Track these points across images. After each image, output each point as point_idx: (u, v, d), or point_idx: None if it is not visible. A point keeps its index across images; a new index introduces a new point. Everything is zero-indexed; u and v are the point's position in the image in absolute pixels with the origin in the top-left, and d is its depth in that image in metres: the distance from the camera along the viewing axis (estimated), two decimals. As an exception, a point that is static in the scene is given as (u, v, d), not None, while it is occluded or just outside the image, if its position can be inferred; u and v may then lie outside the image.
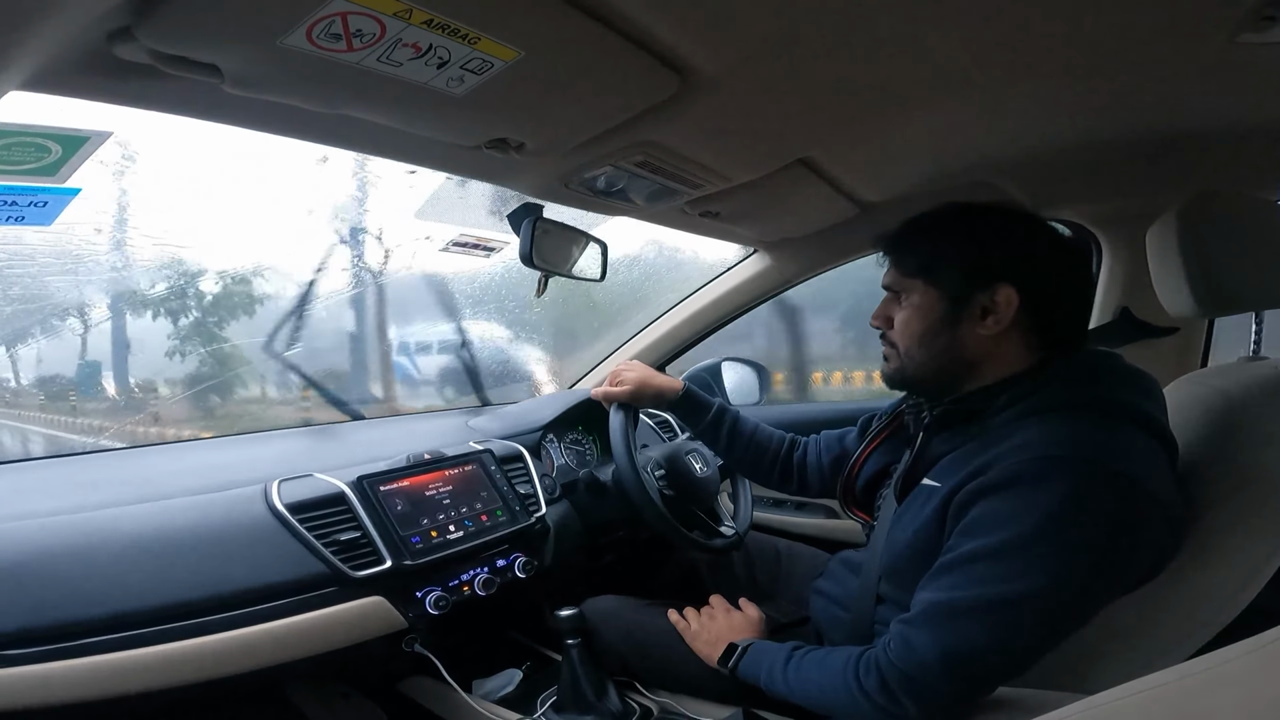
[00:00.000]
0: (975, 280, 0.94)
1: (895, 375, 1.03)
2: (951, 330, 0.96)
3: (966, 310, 0.94)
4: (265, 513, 1.10)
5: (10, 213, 0.82)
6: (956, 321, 0.95)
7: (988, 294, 0.93)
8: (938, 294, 0.96)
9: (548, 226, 1.38)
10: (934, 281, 0.97)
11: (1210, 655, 0.41)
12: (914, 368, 1.00)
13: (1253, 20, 0.82)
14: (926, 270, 0.97)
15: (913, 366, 1.00)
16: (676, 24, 0.79)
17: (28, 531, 0.94)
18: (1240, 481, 0.90)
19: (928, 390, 1.03)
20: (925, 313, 0.97)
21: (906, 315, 0.99)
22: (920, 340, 0.98)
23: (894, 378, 1.04)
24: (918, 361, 0.99)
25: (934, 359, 0.98)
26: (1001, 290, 0.92)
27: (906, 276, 1.00)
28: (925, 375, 1.00)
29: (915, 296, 0.98)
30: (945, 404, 0.99)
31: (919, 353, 0.99)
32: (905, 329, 0.99)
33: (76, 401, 1.73)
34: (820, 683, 0.94)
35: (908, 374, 1.02)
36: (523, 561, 1.31)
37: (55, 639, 0.86)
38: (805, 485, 1.41)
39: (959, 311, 0.95)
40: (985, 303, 0.93)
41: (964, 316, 0.95)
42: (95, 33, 0.66)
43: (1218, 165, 1.33)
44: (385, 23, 0.68)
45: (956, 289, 0.95)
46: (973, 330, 0.95)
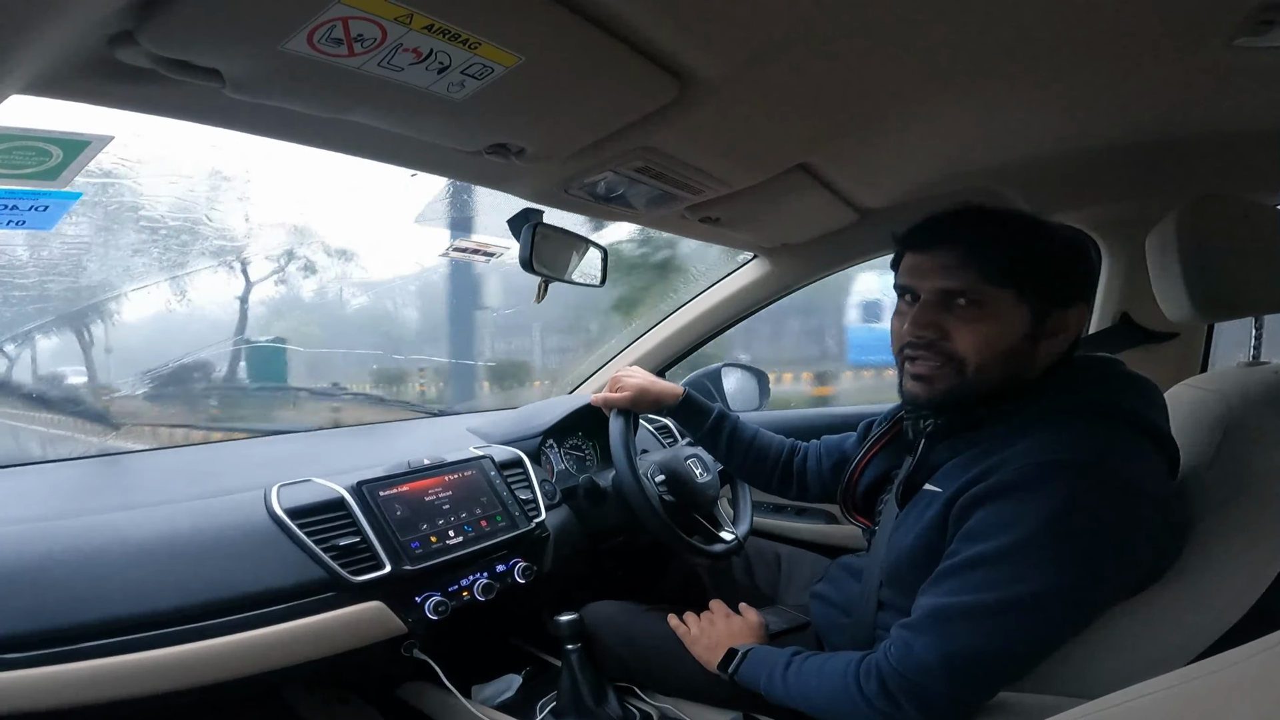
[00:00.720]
0: (1062, 298, 0.91)
1: (953, 392, 0.93)
2: (1033, 347, 0.91)
3: (1045, 327, 0.91)
4: (264, 518, 1.10)
5: (11, 216, 0.82)
6: (1038, 338, 0.91)
7: (1063, 312, 0.91)
8: (1027, 308, 0.90)
9: (548, 232, 1.38)
10: (1026, 293, 0.89)
11: (1212, 659, 0.41)
12: (980, 384, 0.92)
13: (1250, 24, 0.82)
14: (1021, 280, 0.89)
15: (980, 382, 0.91)
16: (676, 30, 0.80)
17: (27, 535, 0.94)
18: (1240, 486, 0.90)
19: (975, 405, 0.94)
20: (1013, 327, 0.90)
21: (989, 329, 0.90)
22: (1001, 357, 0.90)
23: (949, 395, 0.93)
24: (988, 378, 0.91)
25: (1004, 376, 0.92)
26: (1076, 309, 0.91)
27: (992, 284, 0.89)
28: (984, 392, 0.92)
29: (1002, 307, 0.90)
30: (951, 415, 0.97)
31: (994, 369, 0.91)
32: (985, 343, 0.90)
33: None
34: (820, 688, 0.93)
35: (966, 391, 0.92)
36: (522, 567, 1.31)
37: (54, 643, 0.86)
38: (805, 491, 1.41)
39: (1041, 328, 0.91)
40: (1059, 321, 0.91)
41: (1043, 334, 0.91)
42: (96, 37, 0.66)
43: (1217, 169, 1.34)
44: (386, 28, 0.68)
45: (1047, 303, 0.90)
46: (1047, 348, 0.92)
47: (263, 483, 1.16)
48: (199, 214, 1.77)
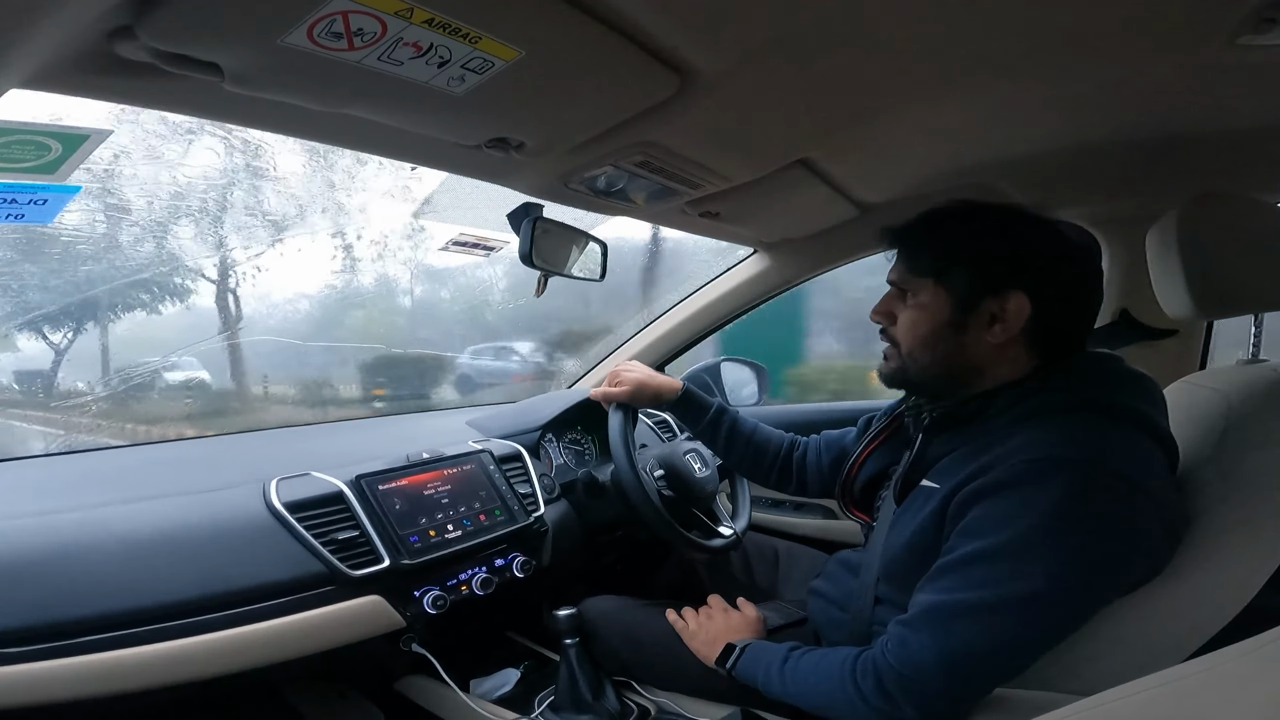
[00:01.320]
0: (987, 286, 0.92)
1: (895, 375, 1.02)
2: (957, 335, 0.94)
3: (975, 316, 0.93)
4: (263, 511, 1.10)
5: (10, 210, 0.82)
6: (963, 327, 0.94)
7: (998, 301, 0.91)
8: (947, 296, 0.94)
9: (548, 226, 1.38)
10: (945, 283, 0.94)
11: (1208, 656, 0.41)
12: (915, 369, 0.98)
13: (1253, 22, 0.82)
14: (938, 270, 0.95)
15: (914, 368, 0.98)
16: (677, 24, 0.79)
17: (25, 529, 0.94)
18: (1238, 483, 0.90)
19: (925, 392, 1.02)
20: (933, 314, 0.95)
21: (912, 315, 0.97)
22: (924, 342, 0.96)
23: (893, 377, 1.02)
24: (920, 364, 0.97)
25: (936, 363, 0.96)
26: (1013, 298, 0.91)
27: (916, 275, 0.97)
28: (925, 378, 0.99)
29: (924, 296, 0.96)
30: (945, 407, 0.98)
31: (921, 355, 0.97)
32: (910, 329, 0.98)
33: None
34: (817, 684, 0.94)
35: (908, 375, 1.00)
36: (521, 561, 1.31)
37: (52, 637, 0.86)
38: (804, 486, 1.41)
39: (967, 317, 0.93)
40: (994, 310, 0.92)
41: (971, 322, 0.93)
42: (96, 31, 0.66)
43: (1218, 167, 1.34)
44: (386, 22, 0.68)
45: (967, 293, 0.93)
46: (979, 337, 0.93)
47: (261, 476, 1.16)
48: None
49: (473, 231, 1.63)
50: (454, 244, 1.64)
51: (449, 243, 1.64)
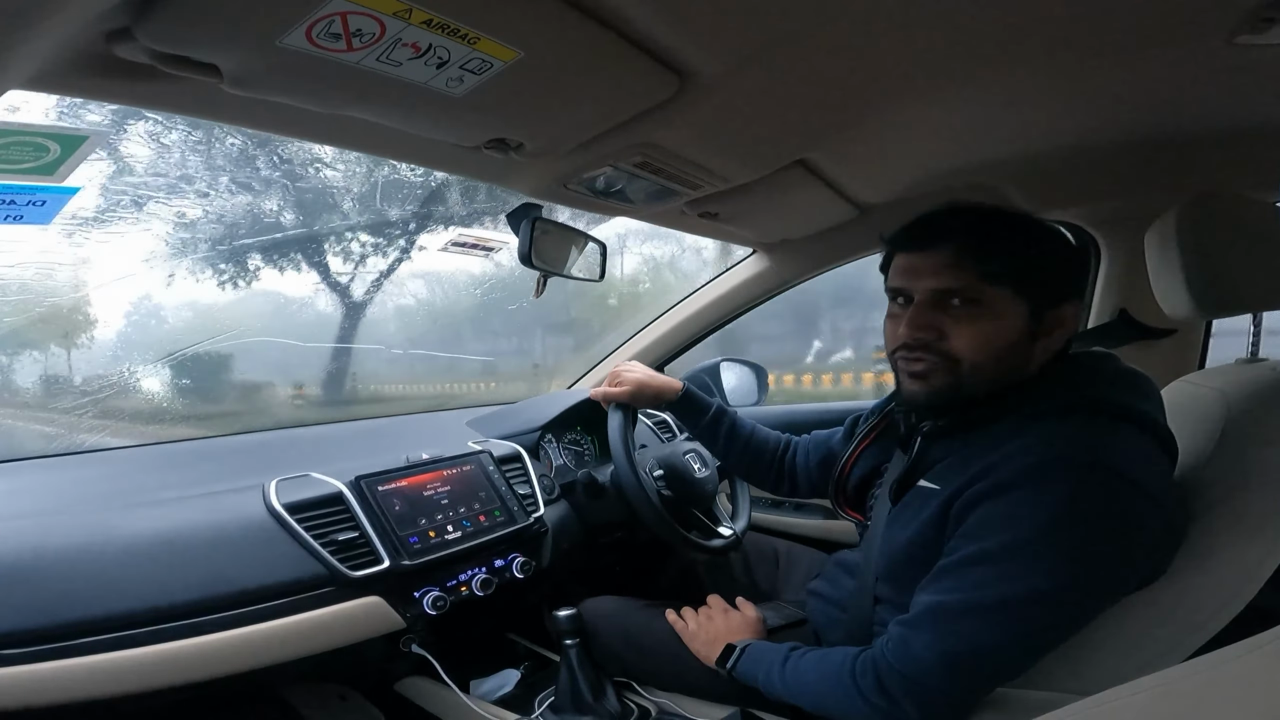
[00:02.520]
0: (1059, 295, 0.90)
1: (947, 391, 0.92)
2: (1030, 345, 0.91)
3: (1043, 325, 0.90)
4: (262, 512, 1.10)
5: (9, 212, 0.82)
6: (1035, 336, 0.90)
7: (1059, 310, 0.90)
8: (1025, 306, 0.89)
9: (547, 227, 1.38)
10: (1024, 292, 0.88)
11: (1209, 656, 0.41)
12: (976, 383, 0.91)
13: (1251, 21, 0.82)
14: (1018, 278, 0.88)
15: (976, 381, 0.91)
16: (676, 25, 0.79)
17: (25, 531, 0.94)
18: (1238, 483, 0.90)
19: (968, 405, 0.94)
20: (1011, 326, 0.89)
21: (987, 327, 0.89)
22: (999, 356, 0.90)
23: (942, 394, 0.93)
24: (984, 377, 0.91)
25: (1001, 375, 0.91)
26: (1070, 307, 0.91)
27: (990, 282, 0.88)
28: (980, 392, 0.92)
29: (998, 305, 0.89)
30: (949, 416, 0.97)
31: (991, 368, 0.90)
32: (984, 341, 0.89)
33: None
34: (818, 684, 0.94)
35: (963, 390, 0.92)
36: (521, 562, 1.31)
37: (52, 639, 0.86)
38: (796, 487, 1.41)
39: (1038, 326, 0.90)
40: (1055, 319, 0.90)
41: (1040, 331, 0.90)
42: (94, 32, 0.66)
43: (1216, 166, 1.34)
44: (385, 22, 0.68)
45: (1045, 302, 0.89)
46: (1043, 345, 0.91)
47: (261, 478, 1.16)
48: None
49: (471, 232, 1.63)
50: (453, 245, 1.64)
51: (448, 243, 1.64)
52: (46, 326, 1.70)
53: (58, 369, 1.76)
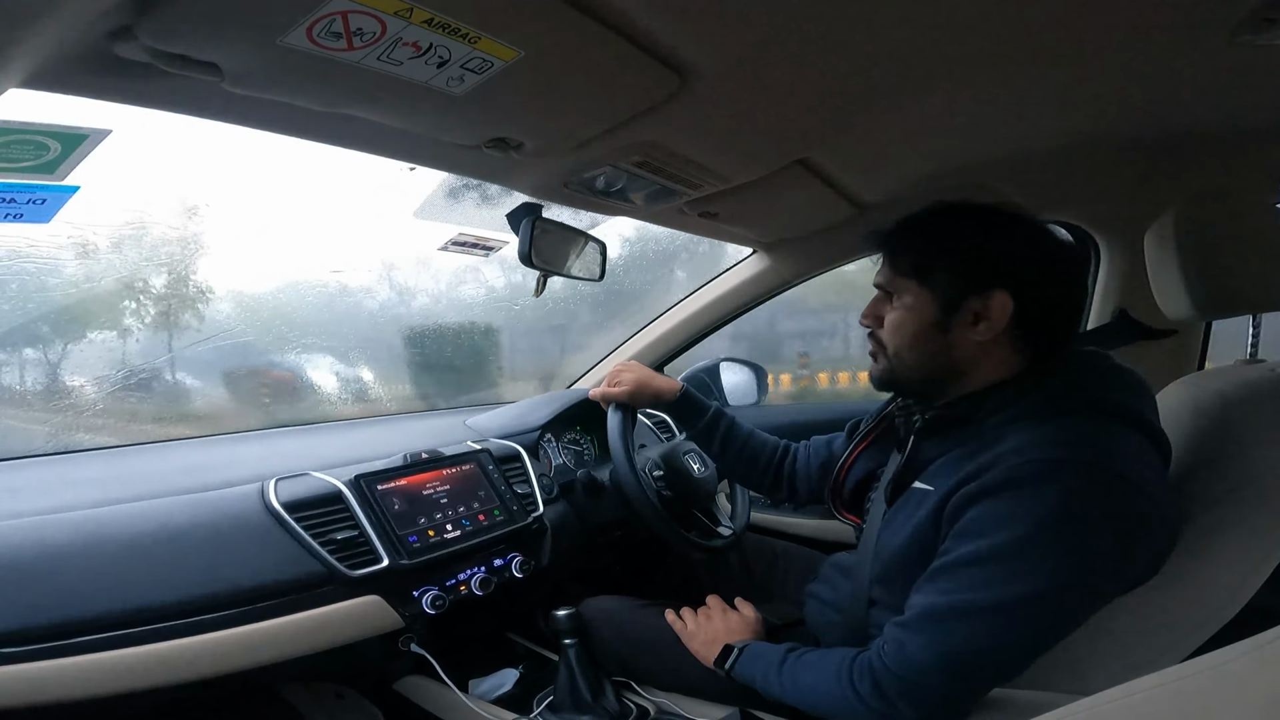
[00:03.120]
0: (970, 285, 0.93)
1: (884, 376, 1.02)
2: (942, 334, 0.95)
3: (958, 315, 0.93)
4: (261, 511, 1.10)
5: (9, 210, 0.82)
6: (948, 326, 0.94)
7: (981, 299, 0.92)
8: (930, 296, 0.95)
9: (547, 226, 1.38)
10: (927, 283, 0.95)
11: (1208, 656, 0.41)
12: (903, 370, 0.99)
13: (1252, 22, 0.82)
14: (920, 271, 0.96)
15: (901, 368, 0.99)
16: (676, 24, 0.79)
17: (23, 529, 0.94)
18: (1237, 483, 0.90)
19: (914, 392, 1.03)
20: (917, 315, 0.96)
21: (898, 316, 0.98)
22: (910, 343, 0.97)
23: (882, 378, 1.03)
24: (907, 364, 0.98)
25: (923, 362, 0.97)
26: (996, 296, 0.91)
27: (900, 276, 0.98)
28: (913, 378, 1.00)
29: (908, 297, 0.97)
30: (936, 408, 0.99)
31: (908, 355, 0.98)
32: (896, 330, 0.98)
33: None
34: (815, 685, 0.94)
35: (896, 375, 1.01)
36: (520, 561, 1.31)
37: (50, 637, 0.86)
38: (794, 493, 1.41)
39: (951, 316, 0.94)
40: (978, 308, 0.92)
41: (955, 321, 0.94)
42: (95, 31, 0.66)
43: (1216, 167, 1.34)
44: (386, 22, 0.68)
45: (950, 292, 0.94)
46: (964, 335, 0.94)
47: (259, 476, 1.16)
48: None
49: (472, 232, 1.63)
50: (453, 244, 1.64)
51: (448, 243, 1.64)
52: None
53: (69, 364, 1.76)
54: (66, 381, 1.63)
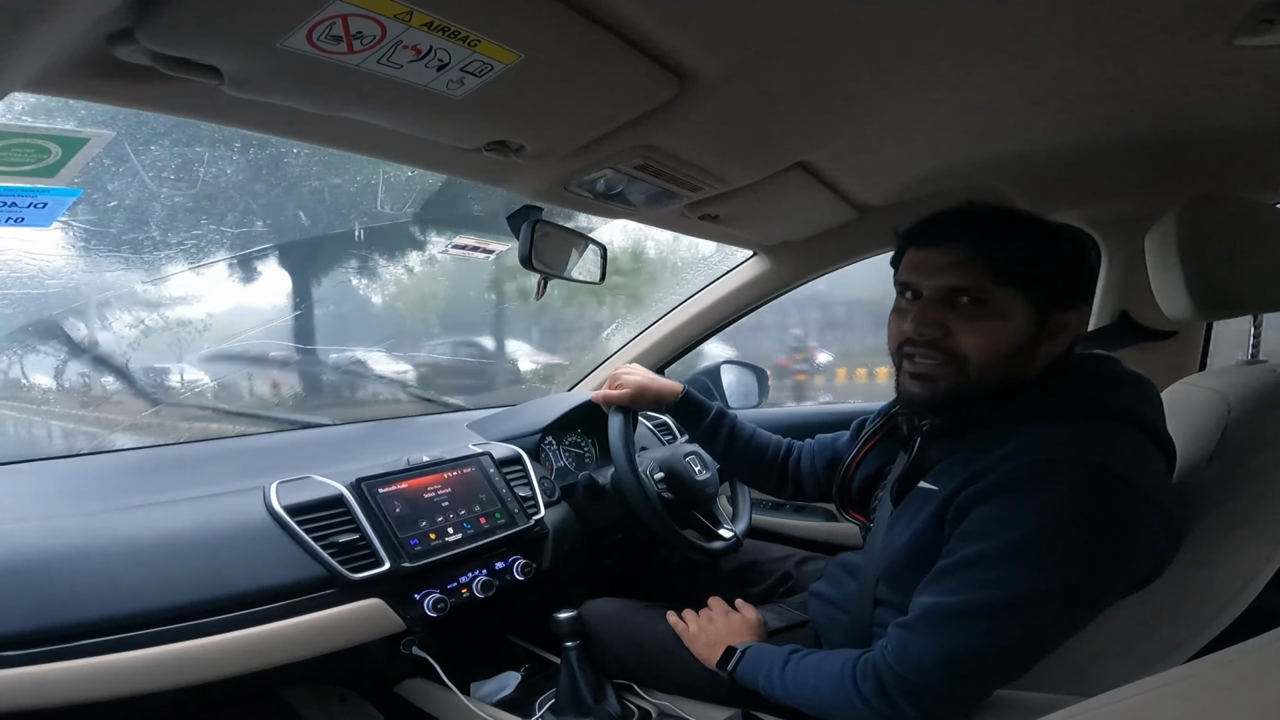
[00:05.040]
0: (1066, 299, 0.90)
1: (952, 393, 0.92)
2: (1035, 347, 0.90)
3: (1047, 328, 0.90)
4: (263, 514, 1.10)
5: (10, 214, 0.82)
6: (1039, 339, 0.90)
7: (1065, 314, 0.90)
8: (1031, 308, 0.89)
9: (547, 229, 1.38)
10: (1032, 294, 0.88)
11: (1210, 657, 0.41)
12: (982, 383, 0.91)
13: (1251, 23, 0.82)
14: (1028, 281, 0.88)
15: (982, 382, 0.91)
16: (676, 28, 0.80)
17: (26, 533, 0.94)
18: (1238, 484, 0.90)
19: (975, 404, 0.94)
20: (1018, 328, 0.89)
21: (994, 327, 0.89)
22: (1004, 357, 0.89)
23: (949, 395, 0.92)
24: (989, 377, 0.90)
25: (1007, 377, 0.91)
26: (1076, 311, 0.91)
27: (999, 284, 0.88)
28: (988, 392, 0.92)
29: (1006, 307, 0.88)
30: (950, 417, 0.97)
31: (997, 369, 0.90)
32: (989, 342, 0.89)
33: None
34: (818, 686, 0.94)
35: (966, 391, 0.91)
36: (521, 564, 1.31)
37: (52, 641, 0.86)
38: (801, 491, 1.41)
39: (1042, 329, 0.90)
40: (1060, 322, 0.90)
41: (1044, 335, 0.90)
42: (95, 34, 0.66)
43: (1216, 168, 1.34)
44: (386, 25, 0.68)
45: (1050, 305, 0.89)
46: (1047, 348, 0.91)
47: (261, 480, 1.16)
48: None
49: (472, 235, 1.64)
50: (454, 247, 1.65)
51: (450, 245, 1.65)
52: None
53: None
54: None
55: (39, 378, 1.72)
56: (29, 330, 1.63)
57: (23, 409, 1.69)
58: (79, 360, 1.74)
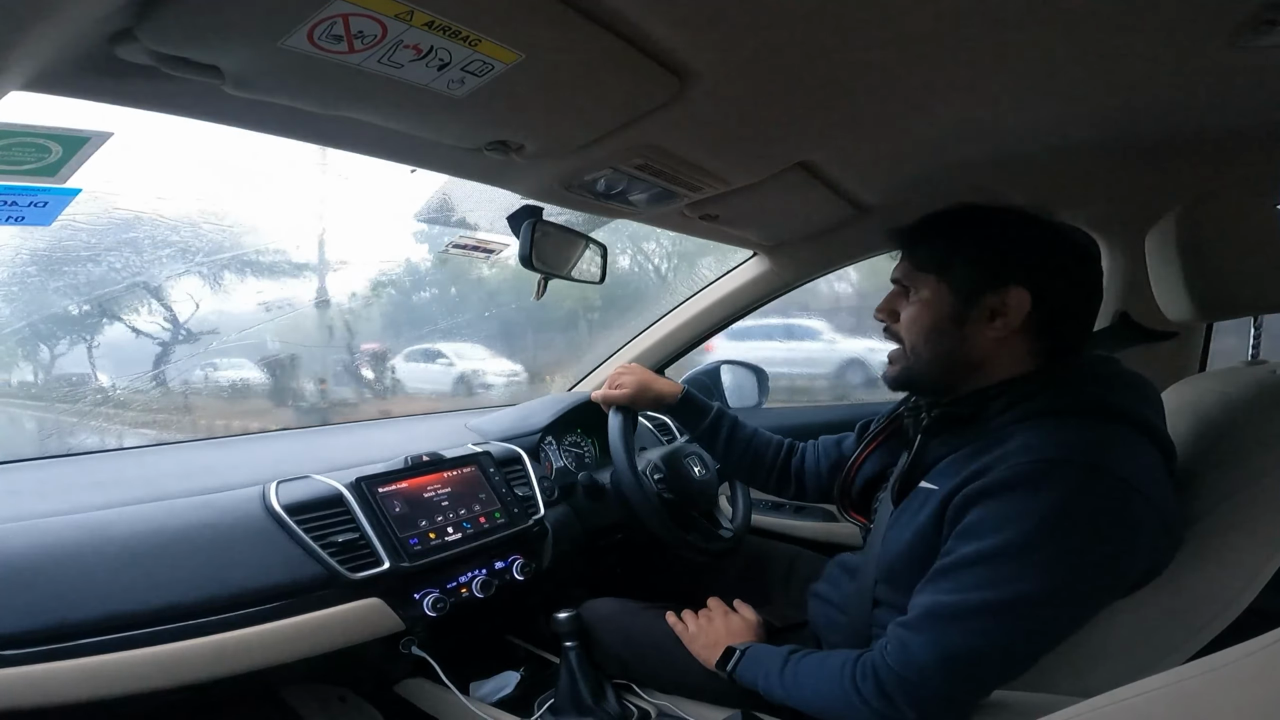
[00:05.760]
0: (987, 280, 0.93)
1: (900, 375, 1.02)
2: (959, 328, 0.95)
3: (976, 309, 0.94)
4: (263, 514, 1.10)
5: (10, 213, 0.82)
6: (964, 320, 0.95)
7: (998, 295, 0.92)
8: (948, 290, 0.96)
9: (547, 229, 1.38)
10: (946, 277, 0.96)
11: (1208, 658, 0.41)
12: (919, 366, 0.99)
13: (1253, 23, 0.82)
14: (939, 265, 0.97)
15: (918, 364, 0.99)
16: (677, 27, 0.80)
17: (25, 532, 0.94)
18: (1238, 484, 0.90)
19: (929, 389, 1.03)
20: (934, 308, 0.97)
21: (915, 310, 0.98)
22: (927, 336, 0.97)
23: (899, 378, 1.03)
24: (923, 359, 0.98)
25: (938, 357, 0.97)
26: (1013, 293, 0.92)
27: (918, 270, 0.99)
28: (929, 373, 0.99)
29: (925, 291, 0.98)
30: (943, 405, 0.99)
31: (924, 349, 0.98)
32: (913, 324, 0.99)
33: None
34: (817, 686, 0.94)
35: (913, 373, 1.01)
36: (521, 564, 1.31)
37: (52, 640, 0.86)
38: (803, 490, 1.41)
39: (968, 310, 0.94)
40: (995, 304, 0.93)
41: (972, 316, 0.94)
42: (96, 34, 0.66)
43: (1217, 168, 1.33)
44: (387, 24, 0.68)
45: (967, 286, 0.94)
46: (980, 330, 0.94)
47: (261, 479, 1.16)
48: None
49: (473, 235, 1.63)
50: (454, 247, 1.64)
51: (449, 245, 1.65)
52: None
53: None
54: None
55: (40, 375, 1.72)
56: (31, 326, 1.63)
57: (22, 406, 1.70)
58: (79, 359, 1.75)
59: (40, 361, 1.76)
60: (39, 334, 1.71)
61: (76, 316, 1.74)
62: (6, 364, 1.72)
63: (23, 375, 1.74)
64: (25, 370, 1.74)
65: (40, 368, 1.76)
